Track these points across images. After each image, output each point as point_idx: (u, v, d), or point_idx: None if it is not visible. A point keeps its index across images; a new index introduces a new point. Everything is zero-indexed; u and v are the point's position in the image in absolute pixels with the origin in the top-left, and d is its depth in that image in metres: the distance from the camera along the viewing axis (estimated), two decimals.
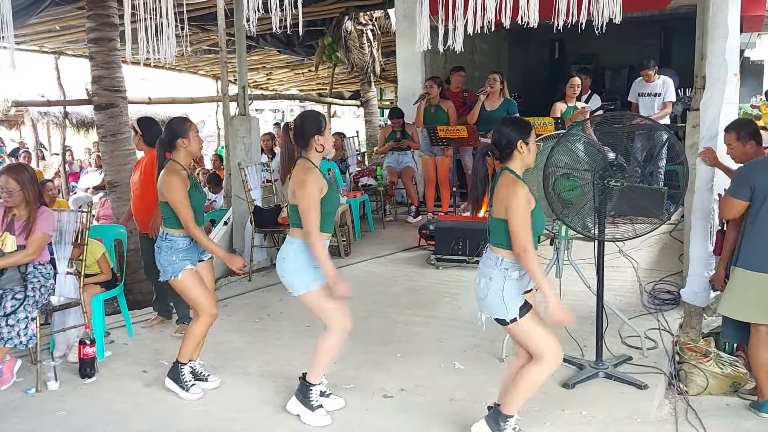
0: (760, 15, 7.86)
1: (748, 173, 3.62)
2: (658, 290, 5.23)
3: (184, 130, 3.76)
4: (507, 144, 3.08)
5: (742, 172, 3.69)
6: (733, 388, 3.86)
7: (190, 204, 3.68)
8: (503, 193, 3.00)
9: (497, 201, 3.03)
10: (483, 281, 3.07)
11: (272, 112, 23.87)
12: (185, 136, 3.75)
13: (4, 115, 11.92)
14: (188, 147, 3.77)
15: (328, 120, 16.51)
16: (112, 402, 3.81)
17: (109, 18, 6.39)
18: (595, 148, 3.84)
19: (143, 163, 4.79)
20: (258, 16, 3.70)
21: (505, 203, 2.97)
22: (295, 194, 3.34)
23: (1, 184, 3.93)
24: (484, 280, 3.07)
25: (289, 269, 3.39)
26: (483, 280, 3.07)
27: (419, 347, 4.48)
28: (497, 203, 3.03)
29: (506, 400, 3.13)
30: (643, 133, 6.51)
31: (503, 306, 3.02)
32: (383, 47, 11.32)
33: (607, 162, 3.74)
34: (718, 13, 4.11)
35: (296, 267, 3.37)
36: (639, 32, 10.89)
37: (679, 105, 8.07)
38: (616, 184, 3.72)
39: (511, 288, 3.01)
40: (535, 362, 3.07)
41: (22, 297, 3.86)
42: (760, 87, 11.71)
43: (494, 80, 7.13)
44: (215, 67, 12.85)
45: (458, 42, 3.68)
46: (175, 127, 3.78)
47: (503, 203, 2.98)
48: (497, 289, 3.02)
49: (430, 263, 6.33)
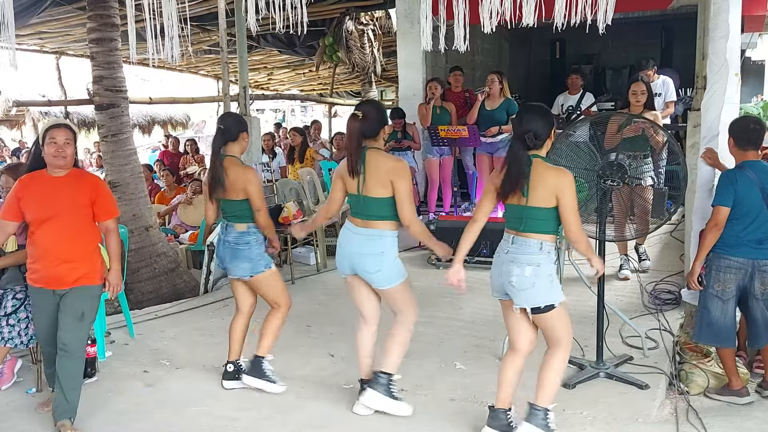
0: (762, 15, 7.86)
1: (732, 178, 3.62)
2: (659, 290, 5.23)
3: (246, 125, 3.81)
4: (543, 132, 3.04)
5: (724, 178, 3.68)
6: None
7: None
8: (553, 180, 2.98)
9: (542, 188, 2.98)
10: (530, 269, 3.00)
11: (273, 112, 23.90)
12: (246, 129, 3.80)
13: (5, 115, 11.93)
14: (245, 142, 3.80)
15: (329, 120, 16.53)
16: (112, 402, 3.81)
17: (110, 18, 6.38)
18: (594, 148, 3.84)
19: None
20: (262, 15, 3.70)
21: (557, 191, 2.96)
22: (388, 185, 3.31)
23: (2, 184, 3.93)
24: (530, 268, 3.00)
25: (389, 262, 3.38)
26: (529, 269, 3.00)
27: (420, 347, 4.48)
28: (541, 191, 2.98)
29: (541, 394, 3.14)
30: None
31: (553, 289, 3.03)
32: (384, 47, 11.31)
33: (606, 162, 3.75)
34: (719, 13, 4.11)
35: (393, 259, 3.40)
36: (640, 32, 10.90)
37: (679, 105, 8.07)
38: (613, 184, 3.73)
39: (555, 271, 3.06)
40: (558, 349, 3.11)
41: (22, 297, 3.86)
42: (761, 87, 11.71)
43: (492, 81, 7.14)
44: (216, 67, 12.84)
45: (461, 42, 3.68)
46: (239, 120, 3.83)
47: (553, 191, 2.97)
48: (546, 274, 3.01)
49: (430, 263, 6.33)
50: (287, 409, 3.65)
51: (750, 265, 3.58)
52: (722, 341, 3.70)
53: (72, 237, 3.41)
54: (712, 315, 3.67)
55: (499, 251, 3.15)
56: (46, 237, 3.39)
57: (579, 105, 7.62)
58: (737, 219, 3.57)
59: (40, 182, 3.42)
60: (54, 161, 3.37)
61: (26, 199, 3.39)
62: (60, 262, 3.39)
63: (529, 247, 3.03)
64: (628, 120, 4.10)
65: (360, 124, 3.34)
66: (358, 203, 3.42)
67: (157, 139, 16.34)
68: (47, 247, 3.40)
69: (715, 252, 3.67)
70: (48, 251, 3.40)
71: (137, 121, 13.82)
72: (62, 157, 3.36)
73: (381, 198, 3.34)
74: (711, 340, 3.76)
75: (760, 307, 3.62)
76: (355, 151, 3.35)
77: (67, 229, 3.40)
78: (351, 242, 3.43)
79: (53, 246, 3.39)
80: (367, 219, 3.38)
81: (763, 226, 3.57)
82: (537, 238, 3.03)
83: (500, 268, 3.11)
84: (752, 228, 3.56)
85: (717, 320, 3.66)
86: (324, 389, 3.88)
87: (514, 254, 3.05)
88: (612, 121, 4.15)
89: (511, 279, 3.04)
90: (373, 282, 3.44)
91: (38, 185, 3.41)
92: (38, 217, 3.37)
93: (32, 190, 3.41)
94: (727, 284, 3.62)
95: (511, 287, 3.06)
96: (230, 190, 3.69)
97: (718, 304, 3.65)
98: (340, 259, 3.52)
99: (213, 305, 5.50)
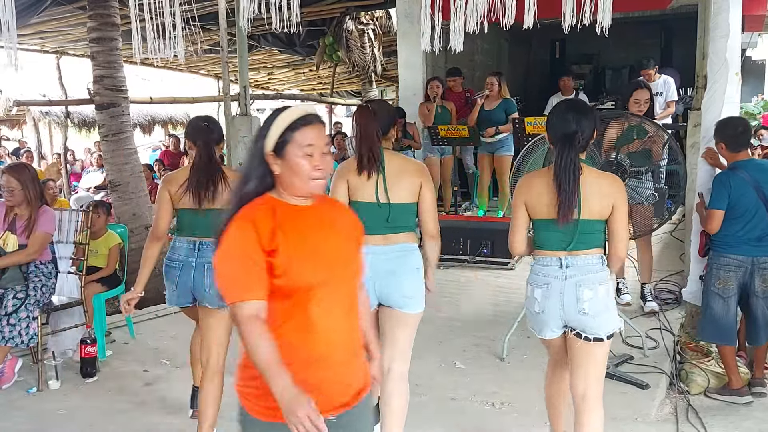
0: (762, 14, 7.86)
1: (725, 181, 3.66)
2: (660, 290, 5.23)
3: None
4: (591, 131, 2.58)
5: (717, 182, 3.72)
6: None
7: None
8: (608, 188, 2.55)
9: (597, 199, 2.53)
10: (603, 289, 2.56)
11: None
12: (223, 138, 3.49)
13: (5, 114, 11.93)
14: (222, 147, 3.61)
15: (330, 119, 16.54)
16: (113, 401, 3.81)
17: (111, 18, 6.40)
18: (592, 148, 3.84)
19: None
20: (259, 16, 3.70)
21: (613, 200, 2.54)
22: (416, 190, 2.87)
23: (3, 183, 3.93)
24: (603, 287, 2.56)
25: (419, 280, 2.88)
26: (603, 288, 2.56)
27: (419, 346, 4.45)
28: (597, 201, 2.53)
29: None
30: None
31: (614, 313, 2.60)
32: (384, 47, 11.31)
33: (605, 162, 3.75)
34: (719, 13, 4.10)
35: (420, 278, 2.92)
36: (640, 32, 10.89)
37: (680, 104, 8.07)
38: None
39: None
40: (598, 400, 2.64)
41: (23, 296, 3.86)
42: (761, 86, 11.71)
43: (492, 83, 7.15)
44: (216, 66, 12.84)
45: (459, 42, 3.68)
46: (218, 124, 3.35)
47: (610, 200, 2.53)
48: (609, 294, 2.60)
49: None
50: None
51: (750, 262, 3.62)
52: (724, 339, 3.73)
53: (350, 310, 1.94)
54: (714, 312, 3.71)
55: (547, 279, 2.60)
56: (325, 315, 1.84)
57: None
58: (735, 219, 3.61)
59: (294, 216, 1.86)
60: (312, 184, 1.88)
61: (287, 253, 1.80)
62: (350, 357, 1.91)
63: (593, 265, 2.56)
64: (629, 130, 4.07)
65: (376, 118, 2.88)
66: (375, 213, 2.82)
67: (157, 138, 16.34)
68: (330, 336, 1.84)
69: (715, 251, 3.72)
70: (334, 345, 1.85)
71: (138, 121, 13.81)
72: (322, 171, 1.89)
73: (407, 204, 2.88)
74: (713, 337, 3.79)
75: (761, 306, 3.66)
76: (374, 150, 2.83)
77: (345, 298, 1.92)
78: (378, 264, 2.75)
79: (337, 331, 1.87)
80: (390, 233, 2.85)
81: (760, 224, 3.61)
82: (596, 253, 2.59)
83: (559, 298, 2.56)
84: (750, 227, 3.61)
85: (719, 318, 3.69)
86: None
87: (577, 277, 2.54)
88: (612, 125, 4.12)
89: (583, 306, 2.53)
90: (408, 307, 2.86)
91: (295, 220, 1.86)
92: (313, 280, 1.83)
93: (290, 232, 1.82)
94: (727, 282, 3.65)
95: (584, 316, 2.54)
96: (225, 196, 3.03)
97: (720, 302, 3.69)
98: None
99: None
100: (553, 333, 2.65)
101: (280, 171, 1.83)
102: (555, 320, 2.61)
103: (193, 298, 3.14)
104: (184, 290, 3.12)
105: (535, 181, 2.67)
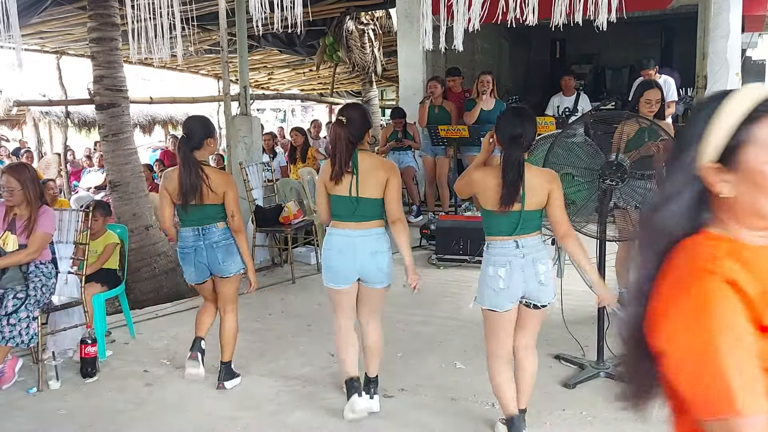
0: (762, 14, 7.85)
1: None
2: None
3: (211, 130, 3.78)
4: (533, 136, 3.07)
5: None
6: None
7: None
8: (546, 183, 3.03)
9: (537, 192, 3.01)
10: (546, 265, 3.07)
11: (274, 112, 23.89)
12: (212, 135, 3.76)
13: (6, 114, 11.93)
14: (213, 147, 3.78)
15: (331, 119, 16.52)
16: (113, 401, 3.81)
17: (111, 18, 6.39)
18: (593, 148, 3.84)
19: None
20: (261, 17, 3.70)
21: (549, 191, 3.02)
22: (383, 184, 3.32)
23: (3, 183, 3.93)
24: (551, 261, 3.12)
25: (388, 259, 3.40)
26: (545, 265, 3.06)
27: (420, 347, 4.49)
28: (537, 194, 3.01)
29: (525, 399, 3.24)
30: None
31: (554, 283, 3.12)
32: (384, 47, 11.31)
33: (605, 161, 3.75)
34: (719, 13, 4.11)
35: (390, 257, 3.42)
36: (640, 32, 10.90)
37: (680, 104, 8.07)
38: (612, 183, 3.73)
39: None
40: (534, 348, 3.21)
41: (23, 296, 3.86)
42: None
43: (488, 82, 7.17)
44: (216, 66, 12.85)
45: (458, 42, 3.68)
46: (202, 126, 3.74)
47: (547, 192, 3.02)
48: (550, 269, 3.10)
49: (431, 263, 6.33)
50: (288, 408, 3.65)
51: None
52: None
53: None
54: None
55: (508, 258, 3.03)
56: None
57: (576, 107, 7.63)
58: None
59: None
60: None
61: None
62: None
63: (539, 243, 3.08)
64: (641, 132, 4.06)
65: (347, 129, 3.31)
66: (350, 206, 3.35)
67: (157, 138, 16.34)
68: None
69: None
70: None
71: (138, 121, 13.82)
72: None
73: (376, 198, 3.35)
74: None
75: None
76: (345, 155, 3.31)
77: None
78: (357, 246, 3.34)
79: None
80: (362, 220, 3.35)
81: None
82: (539, 234, 3.10)
83: (521, 273, 3.01)
84: None
85: None
86: (324, 389, 3.88)
87: (532, 254, 3.03)
88: (622, 127, 4.09)
89: (540, 278, 3.03)
90: (381, 281, 3.42)
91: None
92: None
93: None
94: None
95: (541, 286, 3.04)
96: (210, 196, 3.65)
97: None
98: (345, 268, 3.37)
99: None
100: (512, 305, 3.08)
101: (731, 191, 1.15)
102: (516, 293, 3.05)
103: (209, 272, 3.79)
104: (202, 269, 3.77)
105: (486, 176, 3.08)
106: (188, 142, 3.65)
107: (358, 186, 3.32)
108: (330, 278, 3.43)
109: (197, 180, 3.60)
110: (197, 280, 3.84)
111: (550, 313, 3.23)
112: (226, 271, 3.77)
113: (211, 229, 3.71)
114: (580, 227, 3.93)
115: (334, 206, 3.41)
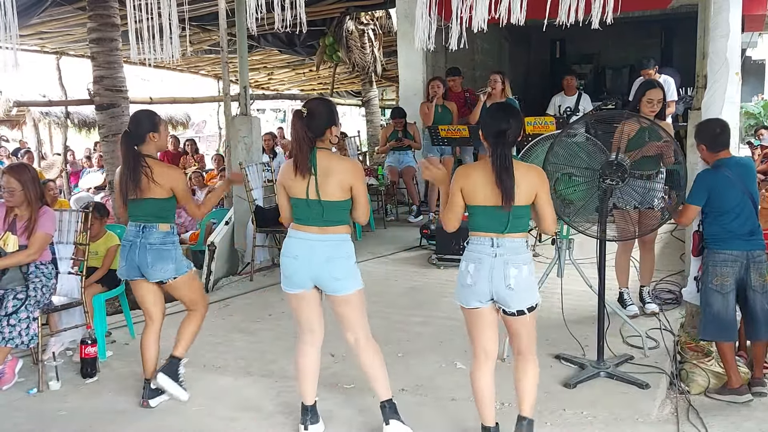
0: (762, 14, 7.86)
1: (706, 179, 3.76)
2: (660, 290, 5.23)
3: (155, 124, 3.69)
4: (518, 132, 3.00)
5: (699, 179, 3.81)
6: None
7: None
8: (534, 178, 2.96)
9: (524, 187, 2.92)
10: (526, 269, 2.94)
11: (274, 112, 23.89)
12: (156, 130, 3.68)
13: (5, 115, 11.94)
14: (158, 141, 3.72)
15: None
16: (113, 402, 3.81)
17: (111, 18, 6.40)
18: (593, 147, 3.84)
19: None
20: (260, 16, 3.70)
21: (537, 187, 2.95)
22: (347, 187, 3.11)
23: (3, 184, 3.93)
24: (526, 267, 2.95)
25: (350, 266, 3.18)
26: (526, 268, 2.94)
27: (420, 347, 4.48)
28: (523, 190, 2.92)
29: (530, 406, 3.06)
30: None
31: (536, 288, 3.02)
32: (384, 47, 11.32)
33: (605, 161, 3.75)
34: (719, 12, 4.10)
35: (354, 263, 3.22)
36: (640, 31, 10.91)
37: (680, 104, 8.07)
38: (612, 183, 3.73)
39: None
40: (533, 355, 3.07)
41: (23, 297, 3.86)
42: (761, 86, 11.72)
43: (495, 81, 7.14)
44: (216, 66, 12.85)
45: (456, 42, 3.67)
46: (145, 121, 3.67)
47: (535, 188, 2.95)
48: (532, 273, 2.99)
49: (431, 263, 6.33)
50: (287, 409, 3.65)
51: (744, 256, 3.68)
52: (726, 335, 3.74)
53: None
54: (714, 310, 3.73)
55: (480, 256, 2.99)
56: None
57: (577, 106, 7.63)
58: (723, 215, 3.70)
59: None
60: None
61: None
62: None
63: (520, 246, 2.96)
64: (642, 132, 4.06)
65: (306, 121, 3.08)
66: (310, 209, 3.12)
67: None
68: None
69: (710, 248, 3.77)
70: None
71: None
72: None
73: (340, 201, 3.12)
74: (715, 335, 3.79)
75: (759, 300, 3.68)
76: (304, 152, 3.08)
77: None
78: (314, 251, 3.12)
79: None
80: (325, 225, 3.13)
81: (749, 219, 3.70)
82: (523, 237, 3.00)
83: (489, 272, 2.95)
84: (740, 222, 3.68)
85: (719, 314, 3.71)
86: (324, 389, 3.88)
87: (506, 256, 2.93)
88: (622, 126, 4.08)
89: (510, 281, 2.92)
90: (336, 290, 3.17)
91: None
92: None
93: None
94: (725, 278, 3.69)
95: (509, 291, 2.93)
96: (153, 189, 3.57)
97: (719, 299, 3.71)
98: (298, 272, 3.15)
99: (214, 305, 5.48)
100: (480, 304, 3.03)
101: None
102: (483, 292, 2.99)
103: (139, 272, 3.67)
104: (132, 266, 3.67)
105: (473, 171, 3.03)
106: (131, 137, 3.62)
107: (318, 188, 3.09)
108: (284, 281, 3.23)
109: (137, 173, 3.54)
110: (126, 276, 3.73)
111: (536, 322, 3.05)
112: (152, 276, 3.64)
113: (152, 230, 3.61)
114: (580, 227, 3.93)
115: (294, 209, 3.20)
